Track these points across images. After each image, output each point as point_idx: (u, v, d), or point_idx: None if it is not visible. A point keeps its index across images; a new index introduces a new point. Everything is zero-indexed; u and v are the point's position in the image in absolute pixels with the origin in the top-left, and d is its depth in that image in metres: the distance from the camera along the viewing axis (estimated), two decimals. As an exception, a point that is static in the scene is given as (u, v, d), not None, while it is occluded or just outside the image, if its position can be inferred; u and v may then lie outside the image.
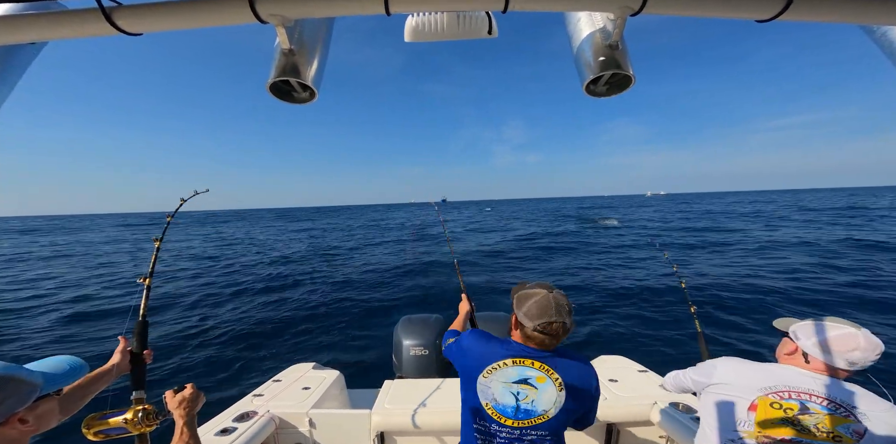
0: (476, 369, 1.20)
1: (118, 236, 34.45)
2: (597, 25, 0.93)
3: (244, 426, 1.88)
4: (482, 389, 1.19)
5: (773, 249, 13.09)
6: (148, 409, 1.15)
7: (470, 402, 1.22)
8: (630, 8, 0.78)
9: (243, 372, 5.45)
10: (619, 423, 1.98)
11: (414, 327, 2.80)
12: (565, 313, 1.13)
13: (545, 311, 1.12)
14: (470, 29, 0.94)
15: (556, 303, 1.13)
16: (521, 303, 1.18)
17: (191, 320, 8.17)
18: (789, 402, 1.10)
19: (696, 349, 1.88)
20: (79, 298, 9.96)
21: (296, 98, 0.99)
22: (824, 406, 1.07)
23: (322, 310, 8.61)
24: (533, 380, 1.15)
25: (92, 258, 17.92)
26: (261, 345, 6.56)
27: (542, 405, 1.14)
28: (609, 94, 0.99)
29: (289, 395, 2.26)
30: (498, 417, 1.17)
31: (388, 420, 1.93)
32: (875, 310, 6.51)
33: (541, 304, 1.13)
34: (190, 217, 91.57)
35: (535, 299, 1.15)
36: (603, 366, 2.50)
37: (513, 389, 1.15)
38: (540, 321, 1.11)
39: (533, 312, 1.13)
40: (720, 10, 0.80)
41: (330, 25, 0.99)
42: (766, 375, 1.18)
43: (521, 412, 1.15)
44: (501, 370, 1.17)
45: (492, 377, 1.17)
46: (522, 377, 1.15)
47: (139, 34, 0.83)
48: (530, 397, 1.14)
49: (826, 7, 0.79)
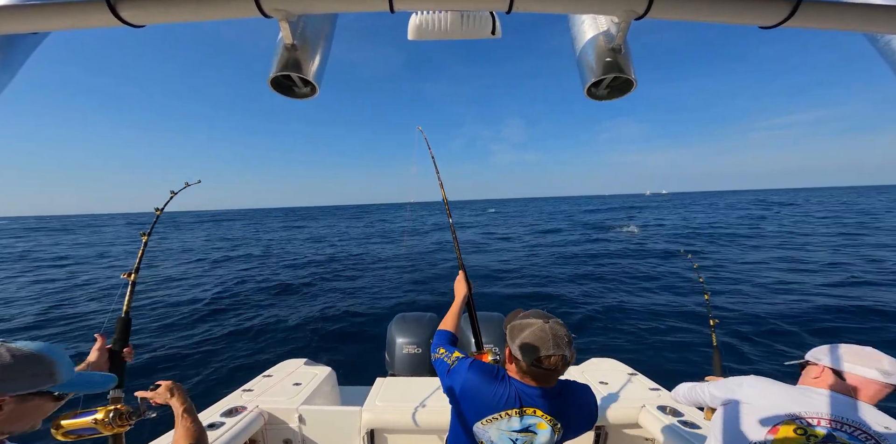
0: (474, 416, 1.13)
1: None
2: (601, 28, 0.93)
3: (232, 421, 1.87)
4: (478, 432, 1.14)
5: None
6: (121, 409, 1.09)
7: (462, 437, 1.18)
8: (634, 12, 0.78)
9: (233, 367, 5.44)
10: (608, 426, 1.99)
11: (408, 325, 2.80)
12: (564, 345, 1.02)
13: (542, 344, 1.01)
14: (474, 29, 0.94)
15: (553, 334, 1.02)
16: (514, 335, 1.09)
17: (182, 314, 8.18)
18: (816, 429, 1.02)
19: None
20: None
21: (297, 93, 0.99)
22: (854, 437, 1.00)
23: (315, 306, 8.62)
24: (534, 427, 1.10)
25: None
26: (252, 340, 6.56)
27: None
28: (610, 97, 0.99)
29: (279, 390, 2.25)
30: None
31: (379, 418, 1.93)
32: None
33: (536, 336, 1.02)
34: (198, 216, 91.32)
35: (529, 331, 1.05)
36: (594, 369, 2.50)
37: (512, 436, 1.10)
38: (536, 356, 1.02)
39: (527, 346, 1.03)
40: (725, 16, 0.80)
41: (333, 21, 0.99)
42: (797, 398, 1.11)
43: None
44: (502, 420, 1.10)
45: (491, 425, 1.12)
46: (524, 426, 1.10)
47: (142, 26, 0.83)
48: (528, 441, 1.11)
49: (831, 15, 0.78)
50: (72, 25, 0.82)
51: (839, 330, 5.96)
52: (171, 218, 77.34)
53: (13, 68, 0.90)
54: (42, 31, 0.87)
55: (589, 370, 2.47)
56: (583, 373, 2.44)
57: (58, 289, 11.01)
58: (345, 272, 12.65)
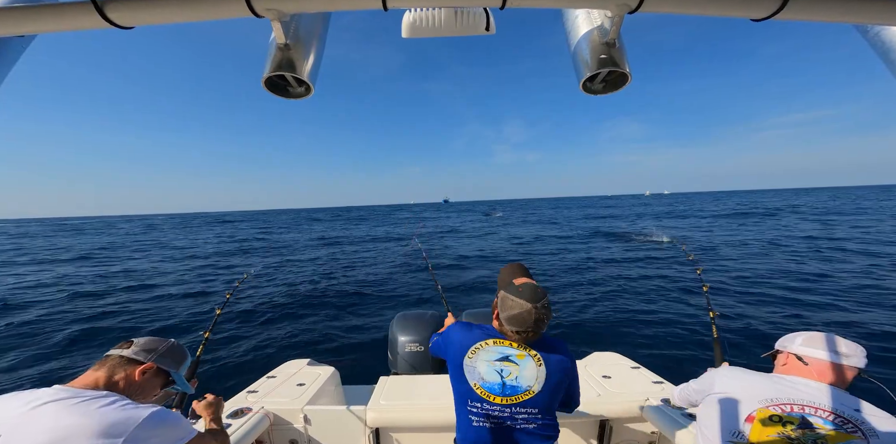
0: (461, 352, 1.29)
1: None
2: (594, 23, 0.93)
3: (238, 423, 1.87)
4: (469, 370, 1.27)
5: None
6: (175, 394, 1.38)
7: (460, 385, 1.29)
8: (627, 5, 0.78)
9: (237, 368, 5.44)
10: (612, 419, 2.01)
11: (409, 323, 2.81)
12: (543, 326, 1.22)
13: (524, 323, 1.20)
14: (467, 25, 0.93)
15: (535, 318, 1.19)
16: (504, 306, 1.25)
17: (182, 316, 8.13)
18: (791, 416, 1.04)
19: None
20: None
21: (291, 93, 0.98)
22: (829, 421, 1.01)
23: (318, 306, 8.61)
24: (514, 357, 1.24)
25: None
26: (255, 340, 6.55)
27: (526, 381, 1.22)
28: (605, 91, 0.99)
29: (283, 391, 2.25)
30: (487, 395, 1.22)
31: (384, 416, 1.94)
32: None
33: (522, 317, 1.20)
34: (206, 216, 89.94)
35: (518, 311, 1.20)
36: (596, 362, 2.52)
37: (496, 367, 1.23)
38: (515, 328, 1.22)
39: (513, 320, 1.22)
40: (716, 8, 0.80)
41: (326, 20, 0.98)
42: (770, 385, 1.14)
43: (507, 388, 1.21)
44: (483, 349, 1.26)
45: (476, 357, 1.26)
46: (503, 355, 1.24)
47: (131, 28, 0.82)
48: (513, 373, 1.23)
49: (821, 7, 0.79)
50: (59, 28, 0.81)
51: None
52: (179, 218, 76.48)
53: (2, 71, 0.88)
54: (28, 33, 0.85)
55: (592, 364, 2.49)
56: (585, 367, 2.46)
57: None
58: (346, 272, 12.64)
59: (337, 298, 9.28)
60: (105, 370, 1.05)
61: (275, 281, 11.52)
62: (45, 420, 0.85)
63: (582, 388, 2.16)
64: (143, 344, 1.16)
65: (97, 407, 0.90)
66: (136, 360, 1.11)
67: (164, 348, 1.18)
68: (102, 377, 1.03)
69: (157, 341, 1.19)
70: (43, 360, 5.88)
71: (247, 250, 20.67)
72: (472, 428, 1.23)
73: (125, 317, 8.08)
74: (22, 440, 0.82)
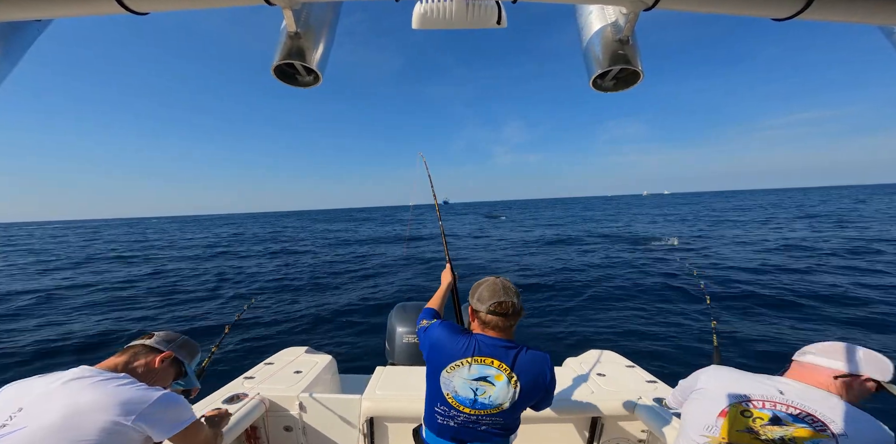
0: (440, 364, 1.28)
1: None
2: (608, 19, 0.91)
3: (233, 408, 1.89)
4: (444, 382, 1.27)
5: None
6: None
7: (433, 388, 1.32)
8: (643, 2, 0.76)
9: (234, 354, 5.54)
10: (605, 416, 2.01)
11: (408, 314, 2.82)
12: (513, 294, 1.24)
13: (494, 293, 1.23)
14: (479, 18, 0.92)
15: (503, 286, 1.25)
16: (473, 292, 1.31)
17: (185, 304, 8.31)
18: (761, 411, 1.06)
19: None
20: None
21: (300, 82, 0.99)
22: (799, 419, 1.02)
23: (317, 295, 8.71)
24: (491, 378, 1.22)
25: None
26: (254, 327, 6.66)
27: (498, 400, 1.22)
28: (616, 89, 0.97)
29: (280, 378, 2.27)
30: (457, 405, 1.25)
31: (379, 406, 1.96)
32: None
33: (490, 287, 1.26)
34: (218, 218, 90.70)
35: (485, 285, 1.28)
36: (591, 361, 2.51)
37: (472, 385, 1.23)
38: (491, 302, 1.22)
39: (484, 295, 1.25)
40: (737, 7, 0.78)
41: (337, 9, 0.98)
42: (749, 383, 1.15)
43: (478, 403, 1.23)
44: (463, 367, 1.24)
45: (454, 373, 1.25)
46: (482, 375, 1.23)
47: (145, 13, 0.83)
48: (488, 392, 1.22)
49: (849, 6, 0.76)
50: (75, 13, 0.82)
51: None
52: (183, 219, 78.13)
53: (16, 56, 0.90)
54: (45, 18, 0.87)
55: (587, 362, 2.49)
56: (580, 364, 2.45)
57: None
58: (347, 264, 12.76)
59: (337, 287, 9.39)
60: (127, 356, 1.14)
61: (278, 274, 11.67)
62: (65, 395, 0.93)
63: (576, 385, 2.17)
64: (163, 336, 1.26)
65: (115, 386, 0.98)
66: (157, 348, 1.20)
67: (182, 341, 1.29)
68: (122, 362, 1.12)
69: (174, 334, 1.30)
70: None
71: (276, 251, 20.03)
72: (436, 423, 1.31)
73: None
74: (42, 413, 0.90)
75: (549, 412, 1.95)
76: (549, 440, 2.10)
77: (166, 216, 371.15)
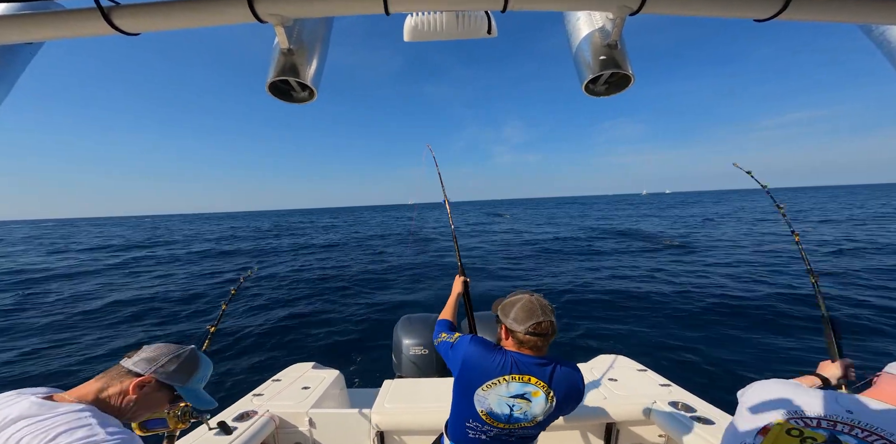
0: (475, 383, 1.23)
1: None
2: (596, 25, 0.93)
3: (244, 426, 1.87)
4: (479, 400, 1.23)
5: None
6: (188, 406, 1.26)
7: (464, 407, 1.27)
8: (629, 7, 0.78)
9: (243, 371, 5.44)
10: (619, 422, 1.99)
11: (414, 326, 2.80)
12: (550, 312, 1.20)
13: (532, 313, 1.18)
14: (469, 28, 0.94)
15: (539, 304, 1.20)
16: (506, 311, 1.24)
17: (190, 320, 8.17)
18: (815, 431, 0.85)
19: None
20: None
21: (295, 98, 0.99)
22: (864, 440, 0.80)
23: (322, 309, 8.62)
24: (529, 395, 1.19)
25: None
26: (260, 344, 6.56)
27: (533, 414, 1.21)
28: (608, 93, 0.99)
29: (288, 394, 2.25)
30: (491, 422, 1.23)
31: (388, 420, 1.93)
32: None
33: (526, 307, 1.19)
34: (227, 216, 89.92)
35: (520, 304, 1.21)
36: (603, 366, 2.49)
37: (509, 402, 1.20)
38: (530, 323, 1.16)
39: (521, 316, 1.19)
40: (719, 10, 0.80)
41: (329, 25, 0.99)
42: (806, 398, 0.94)
43: (513, 418, 1.21)
44: (500, 385, 1.20)
45: (490, 391, 1.21)
46: (519, 393, 1.19)
47: (136, 34, 0.83)
48: (524, 408, 1.20)
49: (825, 6, 0.79)
50: (67, 34, 0.82)
51: None
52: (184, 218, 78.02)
53: (11, 79, 0.89)
54: (37, 40, 0.87)
55: (598, 367, 2.47)
56: (591, 370, 2.43)
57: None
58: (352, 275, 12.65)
59: (342, 301, 9.29)
60: (102, 382, 0.93)
61: (279, 283, 11.56)
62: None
63: (588, 391, 2.14)
64: (147, 352, 1.01)
65: (54, 433, 0.76)
66: (134, 372, 0.96)
67: (168, 359, 1.00)
68: (93, 391, 0.91)
69: (162, 349, 1.02)
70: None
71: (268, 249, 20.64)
72: (466, 437, 1.28)
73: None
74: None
75: (563, 419, 1.93)
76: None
77: (166, 215, 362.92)
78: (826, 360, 1.49)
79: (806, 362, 4.52)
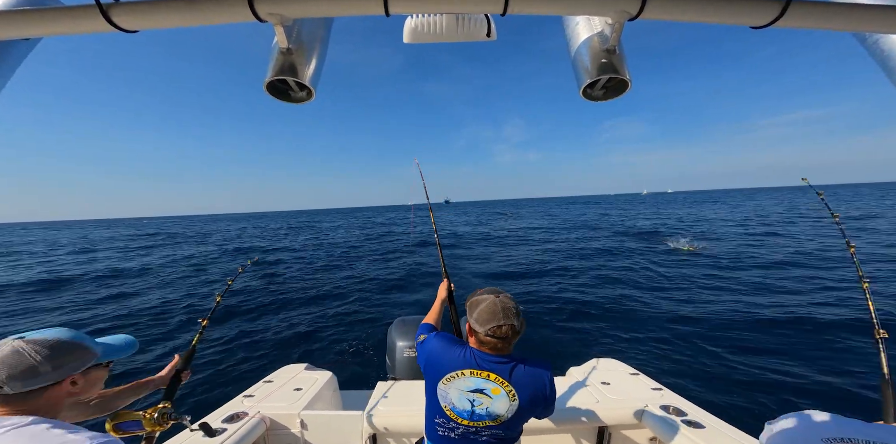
0: (437, 375, 1.27)
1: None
2: (595, 30, 0.94)
3: (234, 428, 1.85)
4: (441, 394, 1.26)
5: None
6: (167, 406, 1.26)
7: (431, 400, 1.31)
8: (628, 13, 0.78)
9: (234, 372, 5.40)
10: (611, 426, 1.98)
11: (408, 328, 2.78)
12: (513, 316, 1.18)
13: (494, 315, 1.17)
14: (469, 31, 0.94)
15: (503, 307, 1.19)
16: (471, 310, 1.25)
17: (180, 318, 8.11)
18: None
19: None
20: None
21: (293, 97, 0.99)
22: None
23: (316, 310, 8.58)
24: (488, 391, 1.21)
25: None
26: (253, 345, 6.51)
27: (496, 412, 1.21)
28: (605, 98, 0.99)
29: (280, 396, 2.23)
30: (455, 418, 1.25)
31: (381, 422, 1.92)
32: None
33: (489, 309, 1.19)
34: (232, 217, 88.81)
35: (484, 305, 1.21)
36: (595, 369, 2.50)
37: (469, 397, 1.22)
38: (490, 326, 1.17)
39: (483, 317, 1.19)
40: (717, 16, 0.81)
41: (328, 25, 0.99)
42: (856, 427, 0.90)
43: (475, 415, 1.22)
44: (459, 379, 1.23)
45: (450, 385, 1.24)
46: (478, 388, 1.21)
47: (135, 31, 0.83)
48: (485, 404, 1.21)
49: (820, 15, 0.80)
50: (65, 31, 0.82)
51: None
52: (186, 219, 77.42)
53: (6, 74, 0.89)
54: (34, 37, 0.86)
55: (590, 370, 2.47)
56: (584, 373, 2.43)
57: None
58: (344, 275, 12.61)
59: (335, 302, 9.25)
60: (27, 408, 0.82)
61: (273, 283, 11.51)
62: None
63: (580, 395, 2.14)
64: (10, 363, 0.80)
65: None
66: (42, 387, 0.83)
67: (44, 357, 0.83)
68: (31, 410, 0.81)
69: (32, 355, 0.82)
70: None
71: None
72: (437, 435, 1.31)
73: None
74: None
75: (554, 423, 1.92)
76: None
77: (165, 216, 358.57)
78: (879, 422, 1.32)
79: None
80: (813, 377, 4.31)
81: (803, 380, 4.28)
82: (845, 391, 4.00)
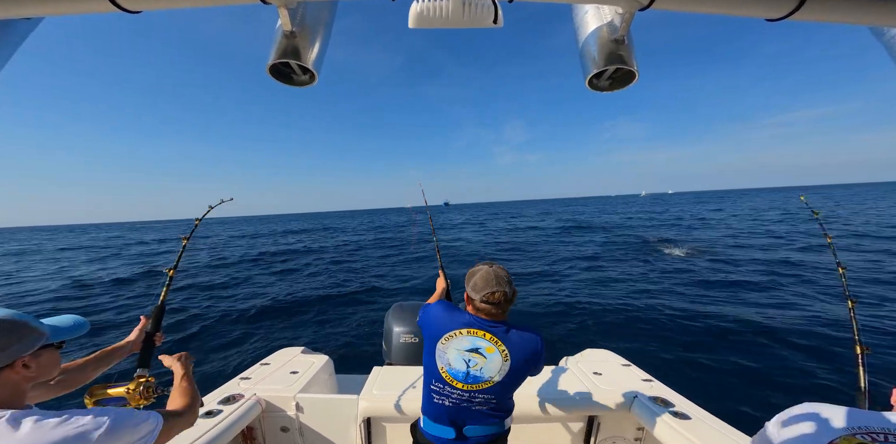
0: (436, 335, 1.35)
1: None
2: (604, 19, 0.91)
3: (230, 409, 1.88)
4: (439, 354, 1.34)
5: None
6: (150, 381, 1.21)
7: (429, 365, 1.38)
8: (638, 2, 0.76)
9: (231, 354, 5.50)
10: (601, 415, 2.03)
11: (405, 314, 2.81)
12: (505, 283, 1.29)
13: (488, 283, 1.28)
14: (475, 17, 0.92)
15: (496, 275, 1.30)
16: (468, 280, 1.36)
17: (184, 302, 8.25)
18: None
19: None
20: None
21: (295, 81, 0.98)
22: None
23: (313, 294, 8.68)
24: (483, 350, 1.29)
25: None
26: (249, 328, 6.62)
27: (489, 373, 1.28)
28: (612, 88, 0.98)
29: (276, 379, 2.26)
30: (451, 380, 1.31)
31: (376, 406, 1.96)
32: None
33: (484, 277, 1.30)
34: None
35: (479, 274, 1.32)
36: (587, 359, 2.53)
37: (465, 356, 1.30)
38: (485, 292, 1.27)
39: (479, 285, 1.30)
40: (731, 7, 0.79)
41: (333, 8, 0.97)
42: (861, 415, 0.92)
43: (470, 377, 1.29)
44: (456, 338, 1.31)
45: (448, 344, 1.32)
46: (474, 347, 1.29)
47: (138, 12, 0.82)
48: (479, 364, 1.29)
49: (840, 7, 0.77)
50: (67, 11, 0.80)
51: None
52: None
53: (6, 54, 0.88)
54: (35, 16, 0.85)
55: (583, 361, 2.50)
56: (577, 363, 2.46)
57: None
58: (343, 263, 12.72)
59: (333, 287, 9.36)
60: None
61: (271, 269, 11.63)
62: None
63: (571, 383, 2.18)
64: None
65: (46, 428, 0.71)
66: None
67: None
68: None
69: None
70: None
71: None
72: (432, 403, 1.37)
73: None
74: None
75: (545, 411, 1.96)
76: (546, 438, 2.11)
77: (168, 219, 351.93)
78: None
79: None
80: (803, 377, 4.37)
81: (797, 380, 4.32)
82: (833, 388, 4.05)
